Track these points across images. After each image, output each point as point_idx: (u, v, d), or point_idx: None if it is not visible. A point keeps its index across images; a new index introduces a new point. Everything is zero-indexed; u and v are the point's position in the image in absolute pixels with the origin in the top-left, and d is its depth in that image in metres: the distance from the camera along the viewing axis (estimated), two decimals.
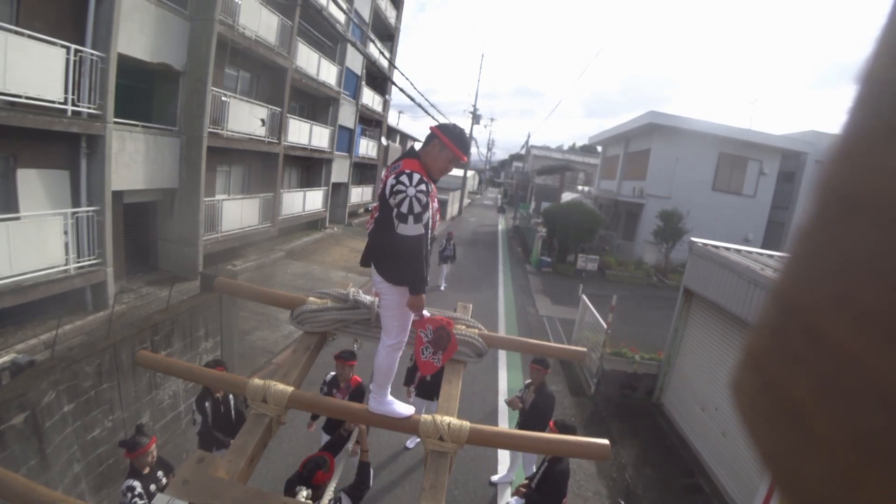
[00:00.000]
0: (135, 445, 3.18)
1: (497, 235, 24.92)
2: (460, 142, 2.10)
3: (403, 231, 1.95)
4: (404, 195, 1.94)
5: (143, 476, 3.16)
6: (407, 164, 2.05)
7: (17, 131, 5.86)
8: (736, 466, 5.22)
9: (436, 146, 2.09)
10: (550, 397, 4.61)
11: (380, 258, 2.12)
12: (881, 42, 0.20)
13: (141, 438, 3.23)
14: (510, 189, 50.82)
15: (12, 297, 5.88)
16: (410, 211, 1.93)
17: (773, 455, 0.22)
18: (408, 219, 1.93)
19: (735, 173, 18.57)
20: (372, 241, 2.17)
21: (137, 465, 3.18)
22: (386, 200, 2.01)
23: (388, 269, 2.08)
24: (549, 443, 2.44)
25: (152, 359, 2.70)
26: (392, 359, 2.27)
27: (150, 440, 3.25)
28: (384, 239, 2.07)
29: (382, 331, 2.29)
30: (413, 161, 2.07)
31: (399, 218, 1.95)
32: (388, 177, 2.04)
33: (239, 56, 10.58)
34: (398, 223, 1.96)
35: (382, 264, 2.11)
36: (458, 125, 2.17)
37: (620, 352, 7.75)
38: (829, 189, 0.22)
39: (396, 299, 2.13)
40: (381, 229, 2.09)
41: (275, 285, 9.84)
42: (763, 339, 0.23)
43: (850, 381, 0.18)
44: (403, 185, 1.95)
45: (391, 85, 19.27)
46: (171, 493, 1.72)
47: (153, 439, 3.29)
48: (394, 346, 2.26)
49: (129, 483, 3.09)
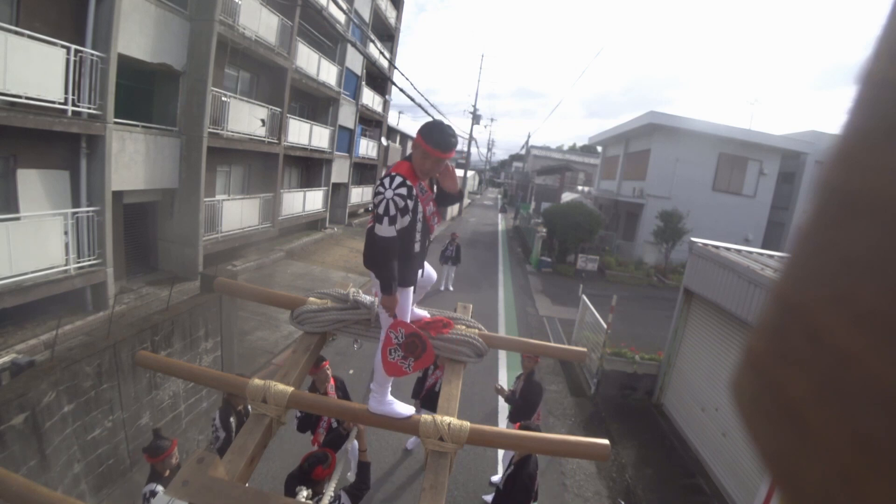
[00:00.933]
0: (158, 450, 3.15)
1: (497, 235, 24.92)
2: (429, 137, 2.04)
3: (378, 231, 1.99)
4: (382, 197, 1.99)
5: (164, 479, 3.12)
6: (396, 166, 2.08)
7: (18, 131, 5.86)
8: (736, 466, 5.22)
9: (417, 147, 2.08)
10: (538, 386, 4.72)
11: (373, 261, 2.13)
12: (881, 42, 0.20)
13: (163, 442, 3.20)
14: (510, 189, 50.85)
15: (12, 298, 5.88)
16: (386, 213, 1.97)
17: (773, 455, 0.22)
18: (383, 220, 1.98)
19: (735, 173, 18.57)
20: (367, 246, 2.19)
21: (160, 468, 3.14)
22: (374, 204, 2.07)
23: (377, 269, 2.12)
24: (550, 443, 2.43)
25: (152, 359, 2.70)
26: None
27: (171, 443, 3.23)
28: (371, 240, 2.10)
29: (382, 330, 2.29)
30: (403, 163, 2.10)
31: (376, 219, 2.00)
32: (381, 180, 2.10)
33: (239, 56, 10.59)
34: (374, 223, 2.01)
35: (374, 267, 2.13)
36: (437, 121, 2.15)
37: (620, 352, 7.75)
38: (829, 189, 0.22)
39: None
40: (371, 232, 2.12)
41: (275, 285, 9.84)
42: (763, 340, 0.24)
43: (849, 382, 0.18)
44: (383, 186, 2.00)
45: (391, 85, 19.28)
46: (171, 493, 1.72)
47: (174, 442, 3.27)
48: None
49: (152, 487, 3.05)
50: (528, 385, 4.66)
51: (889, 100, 0.19)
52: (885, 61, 0.20)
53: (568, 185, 28.40)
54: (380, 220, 1.98)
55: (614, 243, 19.71)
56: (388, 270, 2.04)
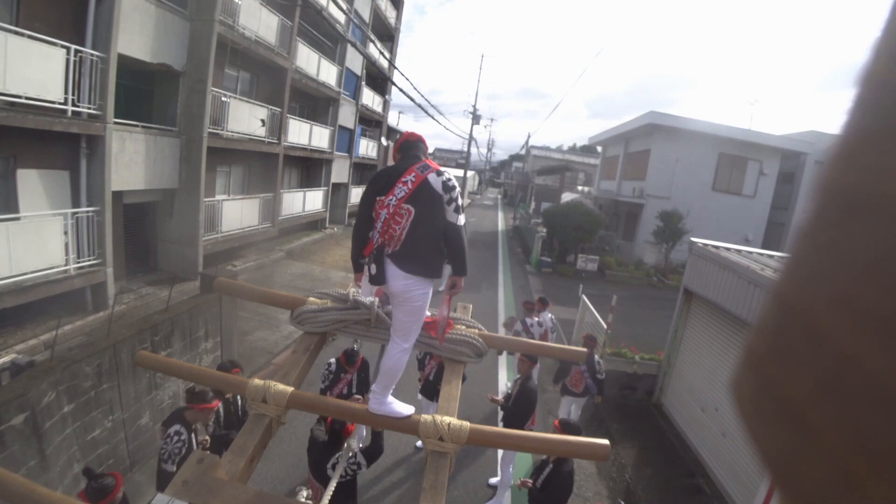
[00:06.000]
0: (102, 490, 2.75)
1: (497, 236, 24.92)
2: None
3: (460, 222, 2.13)
4: (458, 190, 2.13)
5: None
6: (433, 164, 2.18)
7: (18, 132, 5.85)
8: (736, 466, 5.22)
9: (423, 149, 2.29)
10: (532, 392, 4.61)
11: (421, 255, 2.10)
12: (881, 43, 0.20)
13: (105, 480, 2.81)
14: (510, 189, 50.83)
15: (12, 298, 5.88)
16: (462, 204, 2.15)
17: (772, 455, 0.22)
18: (461, 210, 2.14)
19: (735, 173, 18.57)
20: (409, 242, 2.08)
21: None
22: (426, 195, 2.07)
23: (428, 263, 2.13)
24: (549, 443, 2.43)
25: (152, 359, 2.70)
26: (403, 361, 2.26)
27: (115, 480, 2.86)
28: (428, 232, 2.10)
29: (398, 334, 2.25)
30: (429, 160, 2.22)
31: (457, 210, 2.12)
32: (424, 175, 2.08)
33: (239, 56, 10.59)
34: (456, 215, 2.12)
35: (422, 261, 2.11)
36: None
37: (620, 352, 7.75)
38: (829, 189, 0.22)
39: (425, 297, 2.18)
40: (421, 225, 2.07)
41: (275, 286, 9.85)
42: (763, 340, 0.23)
43: (849, 382, 0.18)
44: (454, 181, 2.14)
45: (391, 85, 19.28)
46: (171, 493, 1.72)
47: (119, 479, 2.91)
48: (408, 349, 2.26)
49: None
50: (522, 391, 4.55)
51: (889, 100, 0.19)
52: (886, 62, 0.20)
53: (568, 185, 28.39)
54: (459, 211, 2.13)
55: (614, 243, 19.70)
56: (467, 254, 2.20)
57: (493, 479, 5.12)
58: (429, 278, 2.15)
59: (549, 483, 3.60)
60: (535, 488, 3.69)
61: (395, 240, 2.08)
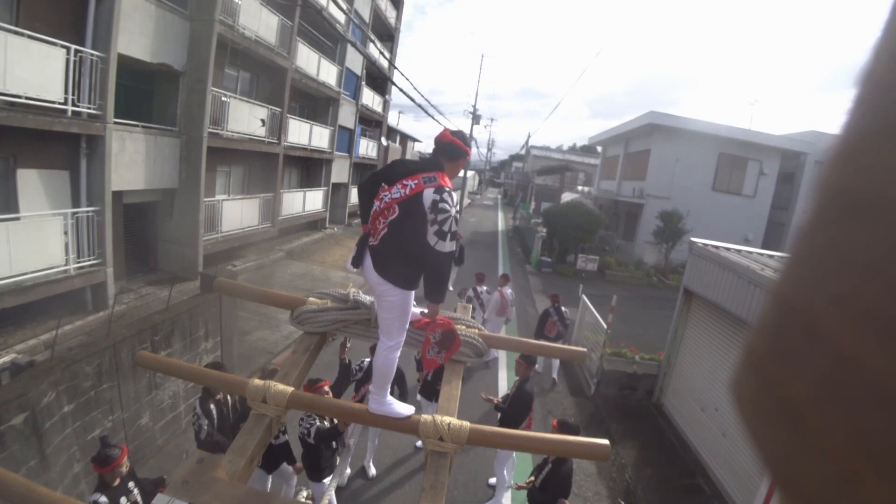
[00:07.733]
0: (107, 459, 2.98)
1: (497, 236, 24.92)
2: (465, 141, 2.18)
3: (442, 248, 2.00)
4: (448, 215, 1.99)
5: (112, 490, 2.98)
6: (441, 179, 2.06)
7: (18, 132, 5.85)
8: (736, 466, 5.22)
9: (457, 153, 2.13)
10: (528, 395, 4.60)
11: (394, 263, 2.08)
12: (881, 42, 0.20)
13: (112, 451, 3.02)
14: (510, 189, 50.82)
15: (12, 298, 5.88)
16: (450, 230, 2.00)
17: (772, 455, 0.22)
18: (447, 237, 1.99)
19: (735, 173, 18.56)
20: (384, 245, 2.08)
21: (109, 478, 2.99)
22: (413, 207, 2.00)
23: (402, 274, 2.08)
24: (549, 443, 2.44)
25: (152, 359, 2.70)
26: (391, 359, 2.26)
27: (121, 451, 3.06)
28: (403, 245, 2.05)
29: (381, 332, 2.27)
30: (444, 175, 2.09)
31: (439, 235, 2.00)
32: (423, 187, 2.01)
33: (239, 56, 10.58)
34: (437, 240, 2.00)
35: (395, 269, 2.08)
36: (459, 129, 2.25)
37: (620, 352, 7.75)
38: (828, 189, 0.22)
39: (401, 302, 2.14)
40: (398, 234, 2.05)
41: (275, 286, 9.84)
42: (763, 340, 0.23)
43: (849, 382, 0.18)
44: (448, 204, 2.00)
45: (391, 85, 19.27)
46: (171, 493, 1.72)
47: (124, 450, 3.11)
48: (393, 347, 2.25)
49: (97, 498, 2.91)
50: (518, 394, 4.55)
51: (889, 100, 0.19)
52: (886, 62, 0.20)
53: (568, 185, 28.39)
54: (443, 237, 1.99)
55: (614, 243, 19.70)
56: (446, 283, 2.10)
57: (493, 479, 5.12)
58: (399, 287, 2.09)
59: (548, 483, 3.62)
60: (535, 488, 3.70)
61: (377, 233, 2.10)
